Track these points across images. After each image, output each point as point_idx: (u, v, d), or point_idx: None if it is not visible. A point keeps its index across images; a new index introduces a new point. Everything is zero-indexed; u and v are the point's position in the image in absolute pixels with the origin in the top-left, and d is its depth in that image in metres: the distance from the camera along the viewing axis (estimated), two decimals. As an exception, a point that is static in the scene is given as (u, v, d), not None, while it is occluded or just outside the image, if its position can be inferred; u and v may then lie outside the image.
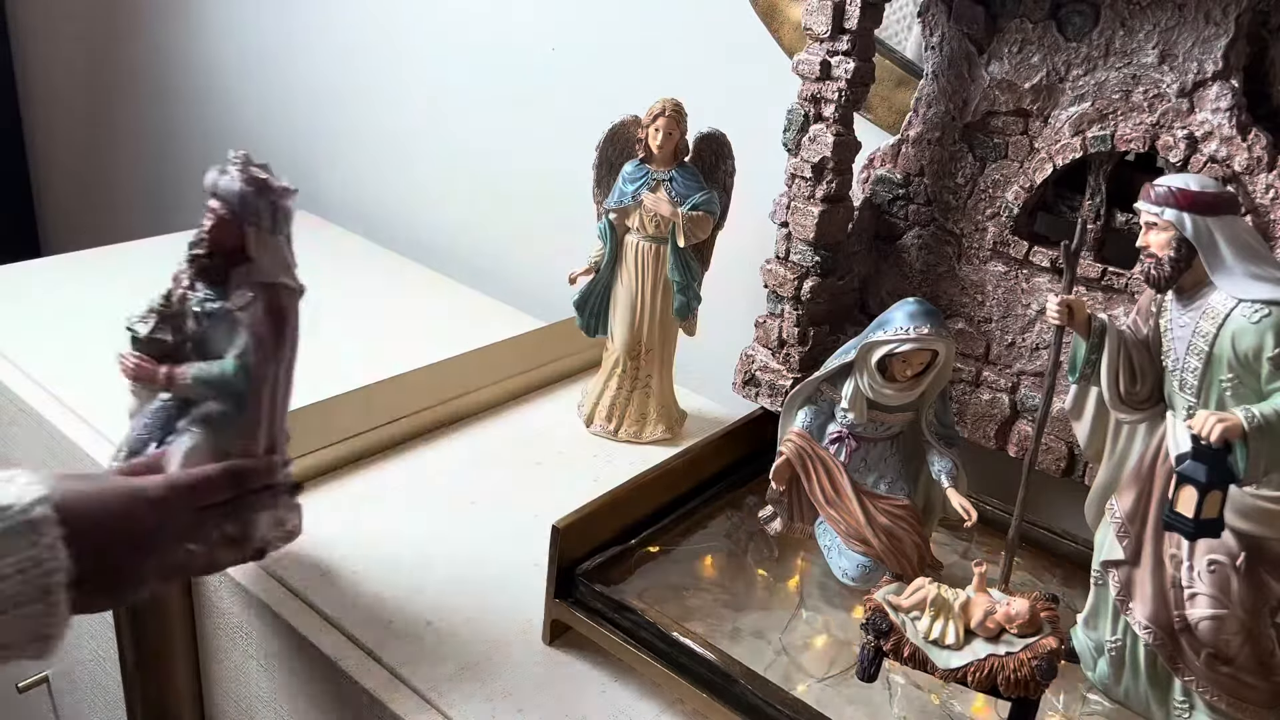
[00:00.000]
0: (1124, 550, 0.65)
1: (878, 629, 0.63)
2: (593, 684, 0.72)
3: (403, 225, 1.54)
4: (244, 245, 0.65)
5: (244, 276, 0.66)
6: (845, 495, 0.77)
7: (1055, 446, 0.82)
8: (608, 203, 0.97)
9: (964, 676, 0.61)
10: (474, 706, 0.69)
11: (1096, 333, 0.65)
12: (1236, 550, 0.61)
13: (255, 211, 0.65)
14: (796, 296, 0.88)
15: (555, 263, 1.06)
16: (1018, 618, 0.62)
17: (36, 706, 1.14)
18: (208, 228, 0.65)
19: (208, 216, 0.65)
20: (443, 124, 1.44)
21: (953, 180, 0.87)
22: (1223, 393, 0.60)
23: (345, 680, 0.72)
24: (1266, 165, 0.71)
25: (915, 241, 0.90)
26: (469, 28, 1.36)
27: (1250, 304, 0.58)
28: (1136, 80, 0.76)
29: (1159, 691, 0.66)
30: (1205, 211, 0.59)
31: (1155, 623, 0.64)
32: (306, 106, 1.64)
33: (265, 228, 0.66)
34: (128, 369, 0.68)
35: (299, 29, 1.60)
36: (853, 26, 0.80)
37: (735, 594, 0.78)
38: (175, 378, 0.67)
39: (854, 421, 0.78)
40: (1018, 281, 0.85)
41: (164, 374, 0.67)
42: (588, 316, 1.02)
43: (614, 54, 1.21)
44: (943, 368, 0.75)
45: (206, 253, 0.66)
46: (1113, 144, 0.77)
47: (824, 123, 0.84)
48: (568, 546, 0.74)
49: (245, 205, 0.65)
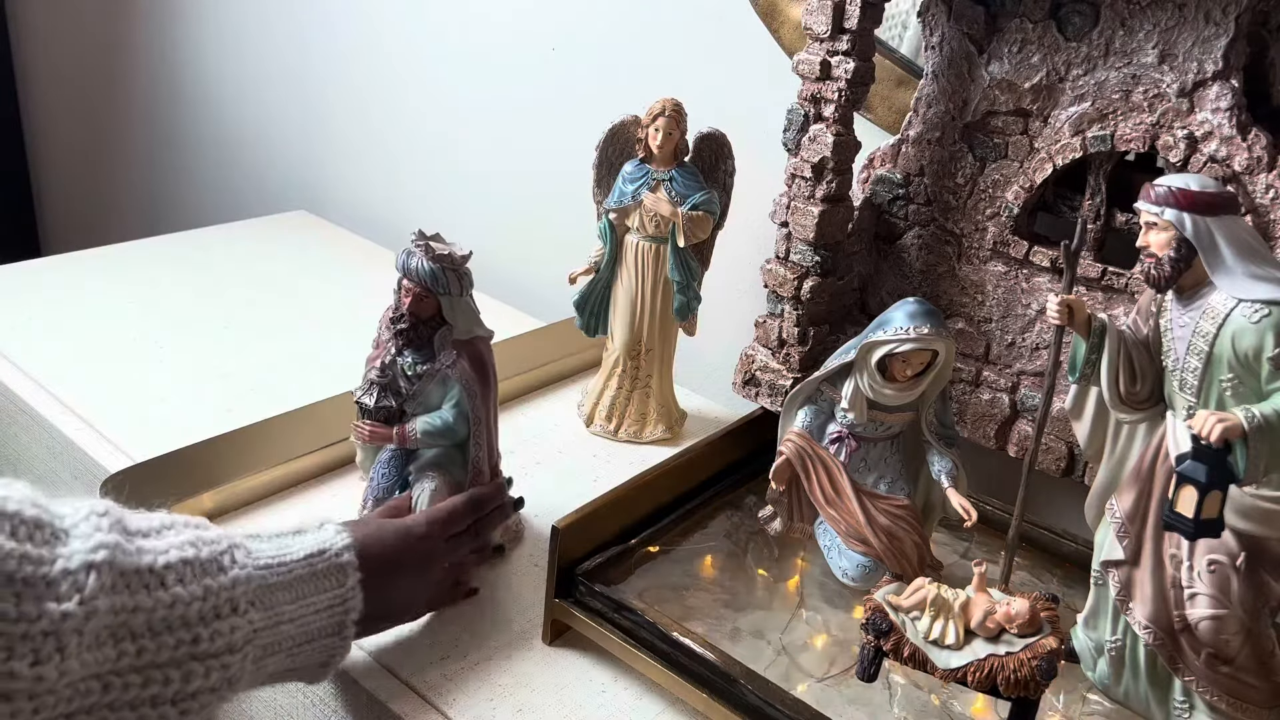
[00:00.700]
0: (1124, 550, 0.65)
1: (878, 629, 0.63)
2: (593, 684, 0.72)
3: (403, 225, 1.53)
4: (440, 312, 0.76)
5: (445, 338, 0.77)
6: (845, 495, 0.77)
7: (1055, 446, 0.82)
8: (608, 203, 0.97)
9: (964, 676, 0.61)
10: (474, 706, 0.69)
11: (1096, 333, 0.65)
12: (1236, 550, 0.61)
13: (445, 284, 0.75)
14: (796, 296, 0.88)
15: (555, 263, 1.06)
16: (1018, 618, 0.62)
17: None
18: (408, 304, 0.75)
19: (405, 294, 0.76)
20: (443, 124, 1.44)
21: (953, 180, 0.87)
22: (1223, 393, 0.60)
23: (345, 680, 0.72)
24: (1266, 165, 0.71)
25: (915, 241, 0.90)
26: (469, 28, 1.36)
27: (1250, 304, 0.58)
28: (1136, 80, 0.76)
29: (1159, 691, 0.66)
30: (1205, 211, 0.59)
31: (1155, 623, 0.64)
32: (307, 106, 1.65)
33: (455, 294, 0.76)
34: (363, 436, 0.79)
35: (299, 29, 1.60)
36: (853, 26, 0.80)
37: (735, 594, 0.78)
38: (406, 436, 0.78)
39: (854, 421, 0.78)
40: (1018, 281, 0.85)
41: (396, 434, 0.78)
42: (588, 316, 1.02)
43: (614, 54, 1.21)
44: (943, 368, 0.75)
45: (410, 325, 0.76)
46: (1113, 144, 0.77)
47: (824, 123, 0.84)
48: (568, 546, 0.74)
49: (436, 281, 0.74)
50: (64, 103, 2.16)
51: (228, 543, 0.59)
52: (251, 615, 0.58)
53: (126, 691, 0.52)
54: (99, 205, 2.17)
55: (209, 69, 1.79)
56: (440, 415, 0.77)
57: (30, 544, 0.49)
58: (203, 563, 0.56)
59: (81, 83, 2.07)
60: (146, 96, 1.94)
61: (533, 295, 1.32)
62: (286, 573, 0.61)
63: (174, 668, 0.54)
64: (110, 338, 1.13)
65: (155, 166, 1.98)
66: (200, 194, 1.91)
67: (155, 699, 0.54)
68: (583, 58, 1.24)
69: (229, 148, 1.81)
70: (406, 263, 0.75)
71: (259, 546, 0.61)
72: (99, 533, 0.52)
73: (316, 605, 0.62)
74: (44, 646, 0.48)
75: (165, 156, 1.95)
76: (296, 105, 1.66)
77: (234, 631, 0.56)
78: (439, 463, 0.79)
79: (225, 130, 1.80)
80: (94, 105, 2.06)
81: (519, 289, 1.34)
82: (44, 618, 0.48)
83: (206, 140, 1.85)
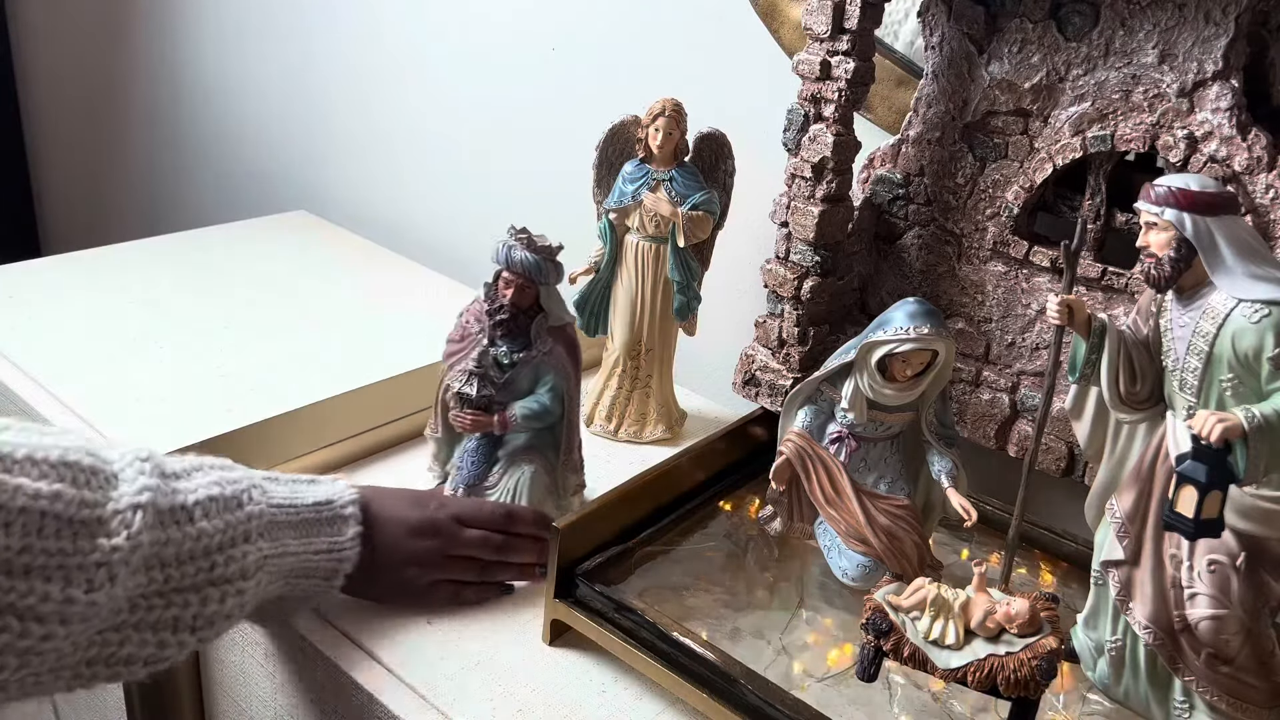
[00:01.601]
0: (1124, 550, 0.65)
1: (878, 629, 0.63)
2: (593, 684, 0.72)
3: (403, 225, 1.54)
4: (537, 301, 0.80)
5: (542, 325, 0.80)
6: (845, 495, 0.77)
7: (1055, 446, 0.82)
8: (608, 203, 0.97)
9: (964, 676, 0.61)
10: (474, 706, 0.69)
11: (1096, 333, 0.65)
12: (1236, 550, 0.61)
13: (545, 274, 0.79)
14: (796, 296, 0.88)
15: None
16: (1018, 618, 0.62)
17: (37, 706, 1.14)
18: (510, 295, 0.79)
19: (506, 286, 0.79)
20: (442, 124, 1.44)
21: (953, 180, 0.87)
22: (1223, 393, 0.60)
23: (345, 680, 0.72)
24: (1266, 165, 0.71)
25: (915, 241, 0.90)
26: (469, 28, 1.36)
27: (1250, 304, 0.58)
28: (1136, 80, 0.76)
29: (1159, 691, 0.66)
30: (1205, 211, 0.59)
31: (1155, 623, 0.64)
32: (307, 106, 1.65)
33: (552, 283, 0.80)
34: (465, 426, 0.81)
35: (299, 29, 1.60)
36: (853, 26, 0.80)
37: (735, 594, 0.78)
38: (508, 421, 0.81)
39: (854, 421, 0.78)
40: (1018, 281, 0.85)
41: (497, 421, 0.81)
42: (588, 316, 1.02)
43: (614, 54, 1.21)
44: (943, 368, 0.75)
45: (510, 316, 0.79)
46: (1113, 144, 0.77)
47: (824, 123, 0.84)
48: (568, 546, 0.74)
49: (539, 271, 0.78)
50: (64, 103, 2.16)
51: (248, 482, 0.66)
52: (261, 544, 0.65)
53: (150, 613, 0.60)
54: (99, 205, 2.17)
55: (209, 69, 1.79)
56: (537, 399, 0.81)
57: (87, 489, 0.56)
58: (225, 499, 0.64)
59: (81, 83, 2.07)
60: (146, 96, 1.94)
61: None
62: (294, 514, 0.68)
63: (193, 592, 0.61)
64: (110, 338, 1.13)
65: (155, 166, 1.98)
66: (200, 194, 1.91)
67: (175, 621, 0.61)
68: (583, 58, 1.24)
69: (229, 148, 1.81)
70: (510, 255, 0.78)
71: (275, 488, 0.68)
72: (142, 476, 0.59)
73: (316, 547, 0.69)
74: (97, 576, 0.55)
75: (165, 156, 1.95)
76: (297, 105, 1.66)
77: (245, 558, 0.63)
78: (533, 446, 0.83)
79: (225, 130, 1.80)
80: (94, 105, 2.06)
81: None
82: (97, 551, 0.55)
83: (206, 140, 1.85)
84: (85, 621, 0.56)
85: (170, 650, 0.61)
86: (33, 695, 0.58)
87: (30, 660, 0.54)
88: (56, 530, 0.54)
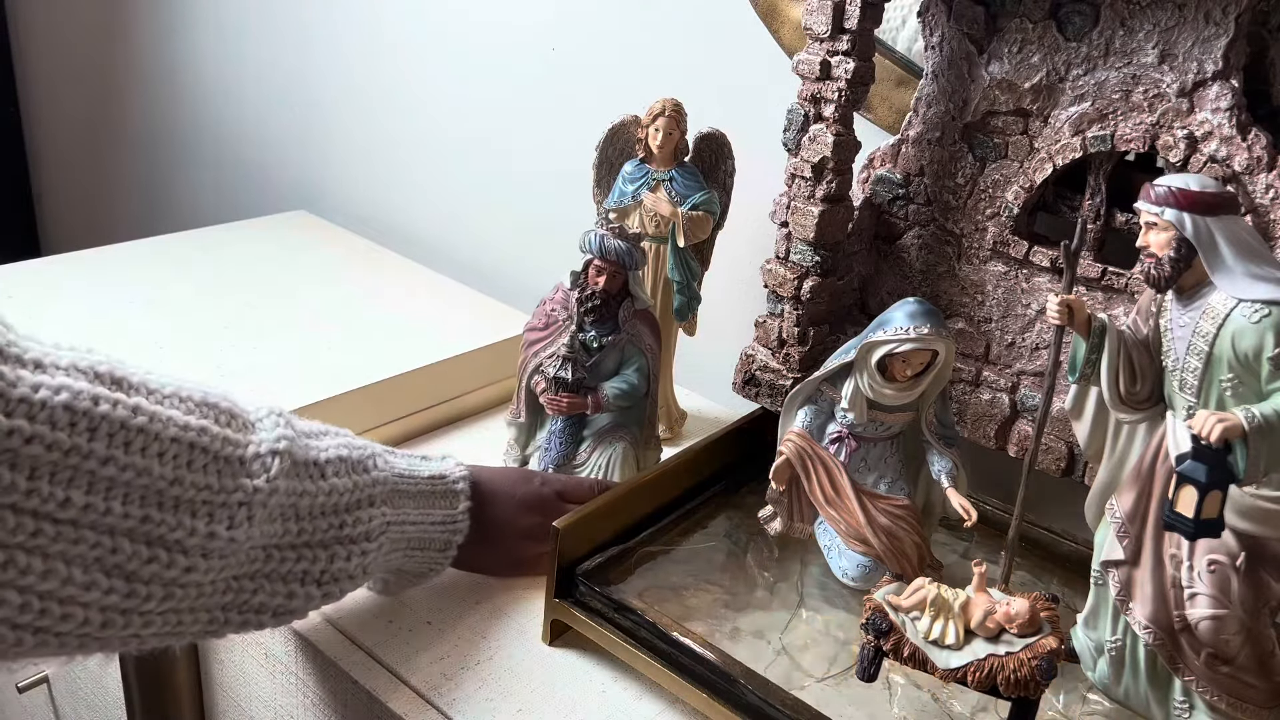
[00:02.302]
0: (1124, 550, 0.65)
1: (878, 629, 0.63)
2: (593, 684, 0.72)
3: (403, 225, 1.54)
4: (626, 286, 0.85)
5: (629, 309, 0.85)
6: (845, 495, 0.77)
7: (1055, 446, 0.82)
8: (608, 203, 0.97)
9: (964, 676, 0.61)
10: (474, 706, 0.69)
11: (1096, 333, 0.65)
12: (1236, 550, 0.61)
13: (635, 260, 0.84)
14: (796, 296, 0.88)
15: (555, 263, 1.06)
16: (1018, 618, 0.62)
17: (36, 706, 1.14)
18: (601, 282, 0.83)
19: (597, 274, 0.84)
20: (442, 124, 1.44)
21: (953, 180, 0.87)
22: (1223, 393, 0.60)
23: (345, 680, 0.72)
24: (1266, 165, 0.71)
25: (915, 241, 0.90)
26: (469, 27, 1.36)
27: (1250, 304, 0.58)
28: (1136, 80, 0.76)
29: (1159, 691, 0.66)
30: (1205, 211, 0.59)
31: (1155, 623, 0.64)
32: (307, 106, 1.65)
33: (638, 268, 0.85)
34: (561, 408, 0.85)
35: (299, 29, 1.60)
36: (853, 26, 0.80)
37: (735, 594, 0.78)
38: (600, 402, 0.85)
39: (854, 421, 0.78)
40: (1018, 281, 0.85)
41: (591, 402, 0.85)
42: (588, 316, 1.02)
43: (614, 54, 1.21)
44: (943, 368, 0.75)
45: (602, 301, 0.84)
46: (1113, 144, 0.77)
47: (824, 123, 0.84)
48: (568, 546, 0.74)
49: (630, 256, 0.84)
50: (64, 103, 2.16)
51: (371, 450, 0.69)
52: (385, 510, 0.68)
53: (283, 564, 0.62)
54: (99, 205, 2.17)
55: (209, 69, 1.79)
56: (625, 379, 0.86)
57: (230, 429, 0.59)
58: (353, 462, 0.67)
59: (81, 83, 2.07)
60: (146, 97, 1.94)
61: (533, 295, 1.31)
62: (413, 485, 0.71)
63: (322, 549, 0.64)
64: (110, 338, 1.13)
65: (155, 166, 1.98)
66: (200, 194, 1.91)
67: (304, 574, 0.63)
68: (583, 58, 1.24)
69: (229, 148, 1.81)
70: (602, 244, 0.83)
71: (394, 460, 0.71)
72: (279, 427, 0.62)
73: (433, 518, 0.72)
74: (238, 514, 0.58)
75: (165, 156, 1.95)
76: (297, 105, 1.66)
77: (371, 520, 0.67)
78: (621, 424, 0.88)
79: (225, 130, 1.80)
80: (94, 105, 2.06)
81: (519, 288, 1.33)
82: (239, 490, 0.58)
83: (206, 140, 1.85)
84: (224, 558, 0.58)
85: (297, 602, 0.64)
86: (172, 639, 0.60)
87: (174, 592, 0.56)
88: (204, 465, 0.57)
